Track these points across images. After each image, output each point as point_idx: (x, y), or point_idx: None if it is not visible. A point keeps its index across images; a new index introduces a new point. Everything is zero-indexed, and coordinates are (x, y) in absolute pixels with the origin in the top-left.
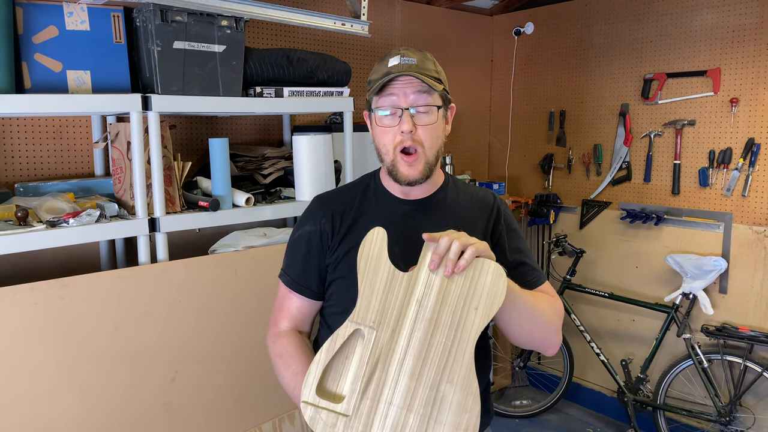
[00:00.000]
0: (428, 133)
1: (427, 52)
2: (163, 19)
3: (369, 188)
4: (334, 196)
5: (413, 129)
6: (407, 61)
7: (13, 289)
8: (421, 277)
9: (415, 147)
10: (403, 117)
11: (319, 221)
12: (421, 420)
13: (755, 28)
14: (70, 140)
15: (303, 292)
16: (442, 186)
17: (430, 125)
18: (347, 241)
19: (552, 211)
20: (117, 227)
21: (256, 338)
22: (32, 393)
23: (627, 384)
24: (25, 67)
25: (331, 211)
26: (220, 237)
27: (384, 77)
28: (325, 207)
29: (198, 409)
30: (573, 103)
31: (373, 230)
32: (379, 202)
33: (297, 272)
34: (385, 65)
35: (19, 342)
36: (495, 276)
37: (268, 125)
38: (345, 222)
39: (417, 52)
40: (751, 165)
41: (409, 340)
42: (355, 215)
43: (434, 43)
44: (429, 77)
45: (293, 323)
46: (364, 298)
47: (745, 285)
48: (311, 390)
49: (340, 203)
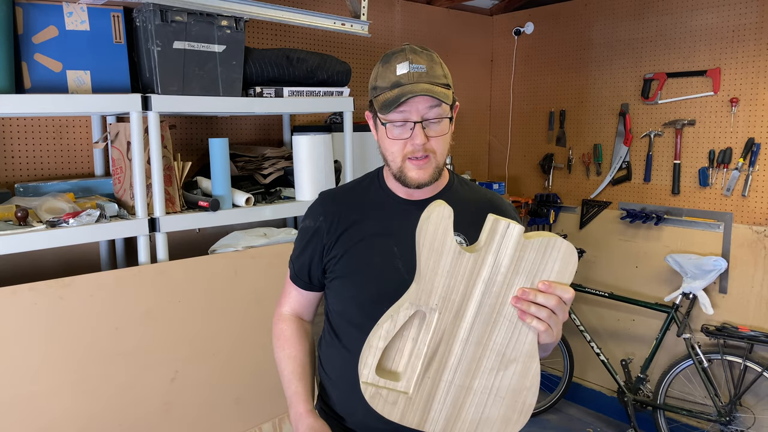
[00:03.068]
0: (440, 142)
1: (432, 52)
2: (163, 19)
3: (372, 187)
4: (337, 194)
5: (425, 141)
6: (417, 69)
7: (13, 289)
8: (488, 258)
9: (426, 154)
10: (414, 130)
11: (317, 218)
12: (480, 397)
13: (755, 28)
14: (70, 140)
15: (298, 284)
16: (446, 186)
17: (442, 135)
18: (344, 241)
19: (552, 211)
20: (117, 227)
21: (256, 338)
22: (32, 393)
23: (627, 384)
24: (25, 67)
25: (332, 210)
26: (220, 237)
27: (395, 91)
28: (325, 205)
29: (198, 409)
30: (573, 103)
31: (438, 207)
32: (382, 201)
33: (298, 265)
34: (392, 72)
35: (19, 342)
36: (566, 254)
37: (268, 125)
38: (343, 221)
39: (424, 54)
40: (751, 165)
41: (473, 321)
42: (356, 216)
43: (434, 43)
44: (440, 85)
45: (294, 309)
46: (427, 280)
47: (745, 285)
48: (371, 370)
49: (341, 202)
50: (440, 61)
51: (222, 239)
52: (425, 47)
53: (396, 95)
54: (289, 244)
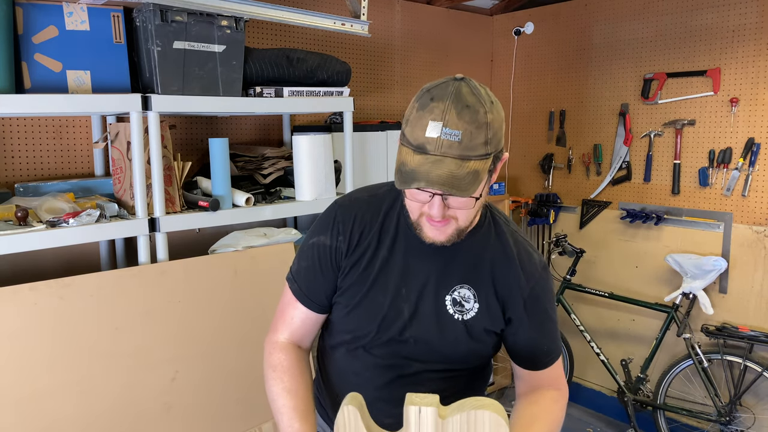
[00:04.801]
0: (464, 212)
1: (482, 105)
2: (163, 19)
3: (392, 212)
4: (356, 211)
5: (444, 211)
6: (449, 137)
7: (13, 289)
8: None
9: (446, 219)
10: (433, 201)
11: (335, 236)
12: None
13: (755, 28)
14: (70, 140)
15: (308, 304)
16: (473, 228)
17: (467, 208)
18: (356, 270)
19: (552, 211)
20: (117, 227)
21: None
22: (32, 393)
23: (627, 384)
24: (25, 67)
25: (350, 230)
26: (220, 237)
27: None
28: (345, 222)
29: (198, 409)
30: (573, 103)
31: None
32: (399, 235)
33: (305, 282)
34: (423, 126)
35: (19, 342)
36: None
37: (268, 125)
38: (360, 247)
39: (468, 113)
40: (751, 165)
41: None
42: (372, 243)
43: (434, 43)
44: (475, 158)
45: (292, 335)
46: None
47: (745, 285)
48: None
49: (360, 222)
50: (488, 120)
51: (222, 239)
52: (478, 93)
53: (411, 172)
54: (288, 244)
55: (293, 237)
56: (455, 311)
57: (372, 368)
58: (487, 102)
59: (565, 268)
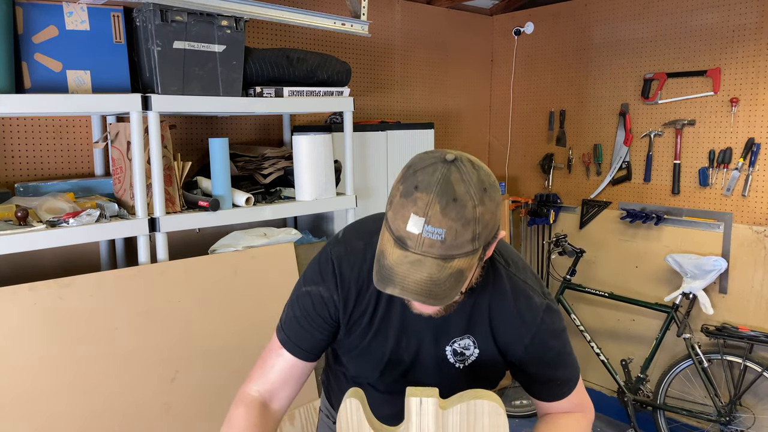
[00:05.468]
0: None
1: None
2: (163, 19)
3: None
4: (354, 264)
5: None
6: (431, 235)
7: (13, 289)
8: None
9: None
10: (412, 302)
11: (334, 289)
12: None
13: (755, 28)
14: (70, 140)
15: (294, 352)
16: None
17: None
18: (358, 328)
19: (552, 211)
20: (117, 227)
21: (256, 338)
22: (32, 393)
23: (627, 384)
24: (25, 67)
25: (348, 287)
26: (220, 237)
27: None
28: (342, 276)
29: (198, 409)
30: (573, 103)
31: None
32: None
33: (295, 329)
34: (404, 216)
35: (18, 342)
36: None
37: (268, 125)
38: (360, 304)
39: (451, 212)
40: (751, 165)
41: None
42: (373, 301)
43: (434, 43)
44: (460, 256)
45: (266, 388)
46: None
47: (745, 285)
48: None
49: (359, 278)
50: (476, 215)
51: (222, 239)
52: (469, 181)
53: (388, 272)
54: (289, 244)
55: (293, 237)
56: (456, 360)
57: (378, 398)
58: (478, 191)
59: (565, 268)
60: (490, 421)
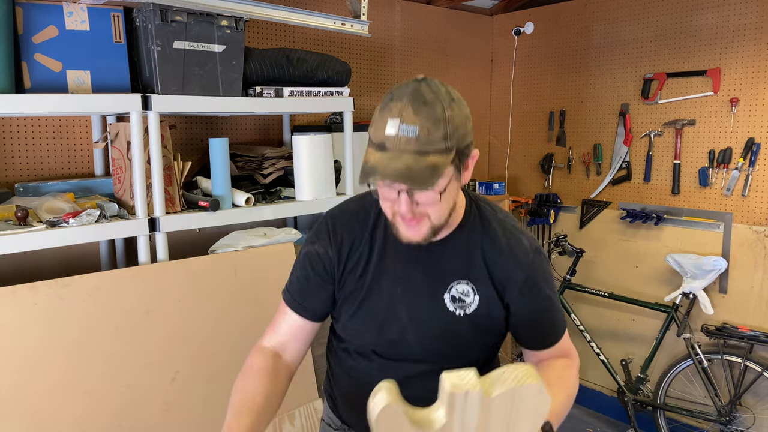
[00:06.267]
0: (433, 208)
1: (440, 101)
2: (163, 19)
3: (380, 221)
4: (346, 221)
5: (413, 208)
6: (407, 133)
7: (13, 289)
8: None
9: (418, 218)
10: (400, 198)
11: (327, 245)
12: None
13: (755, 28)
14: (70, 140)
15: (297, 310)
16: (459, 225)
17: (434, 204)
18: (350, 279)
19: (552, 211)
20: (117, 227)
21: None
22: (32, 393)
23: (627, 384)
24: (25, 67)
25: (341, 241)
26: (220, 237)
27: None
28: (335, 232)
29: (198, 409)
30: (573, 103)
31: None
32: (387, 238)
33: (297, 289)
34: (382, 126)
35: (18, 342)
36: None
37: (268, 125)
38: (353, 257)
39: (424, 109)
40: (751, 165)
41: None
42: (364, 250)
43: (434, 43)
44: (433, 152)
45: (279, 343)
46: None
47: (745, 285)
48: None
49: (351, 232)
50: (446, 116)
51: (222, 239)
52: (437, 91)
53: (370, 167)
54: (288, 244)
55: (293, 237)
56: (456, 308)
57: (379, 369)
58: (447, 99)
59: (565, 268)
60: (534, 401)
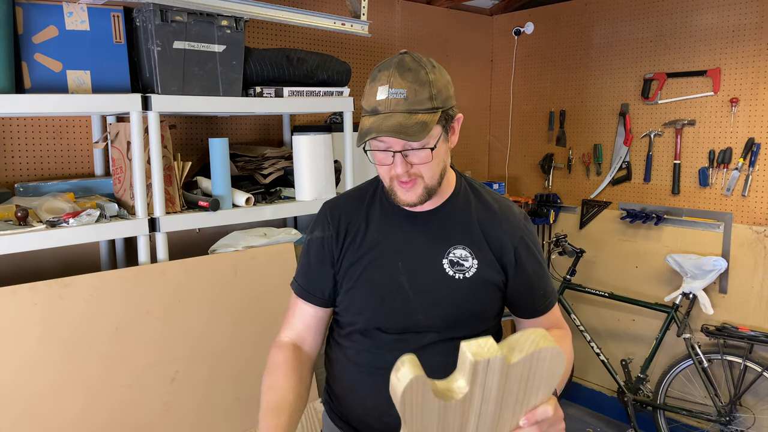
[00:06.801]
0: (426, 167)
1: (423, 67)
2: (163, 19)
3: (375, 197)
4: (342, 204)
5: (408, 168)
6: (396, 95)
7: (13, 289)
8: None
9: (412, 179)
10: (395, 159)
11: (326, 229)
12: None
13: (755, 28)
14: (70, 140)
15: (307, 298)
16: (452, 195)
17: (426, 163)
18: (350, 254)
19: (552, 211)
20: (117, 227)
21: (256, 337)
22: (32, 393)
23: (627, 384)
24: (25, 67)
25: (338, 220)
26: (220, 237)
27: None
28: (333, 215)
29: (198, 409)
30: (573, 103)
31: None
32: (385, 212)
33: (303, 278)
34: (373, 94)
35: (18, 342)
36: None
37: (268, 125)
38: (350, 232)
39: (410, 74)
40: (751, 165)
41: None
42: (361, 226)
43: (434, 43)
44: (422, 111)
45: (294, 334)
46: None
47: (745, 285)
48: None
49: (347, 212)
50: (430, 79)
51: (222, 239)
52: (420, 59)
53: (366, 129)
54: (288, 244)
55: (293, 237)
56: (455, 272)
57: (385, 344)
58: (429, 65)
59: (565, 268)
60: (550, 364)
